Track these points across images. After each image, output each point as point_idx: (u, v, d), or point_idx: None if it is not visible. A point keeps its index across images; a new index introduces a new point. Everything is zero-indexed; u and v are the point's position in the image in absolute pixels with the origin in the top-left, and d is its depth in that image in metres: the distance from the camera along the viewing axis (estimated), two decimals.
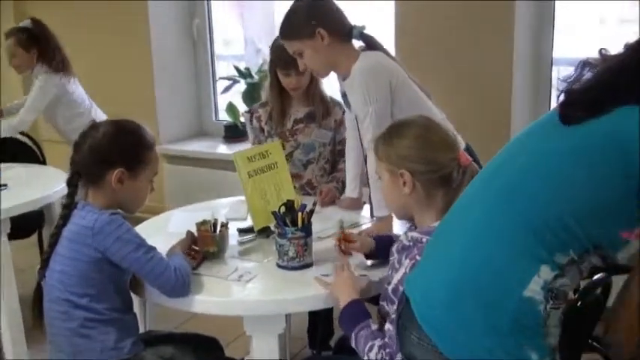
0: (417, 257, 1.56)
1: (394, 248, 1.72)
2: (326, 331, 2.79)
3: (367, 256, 1.96)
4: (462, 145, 2.11)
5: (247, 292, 1.84)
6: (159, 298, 1.84)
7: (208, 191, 3.83)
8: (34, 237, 3.43)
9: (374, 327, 1.62)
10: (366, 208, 2.46)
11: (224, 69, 4.35)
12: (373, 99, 2.16)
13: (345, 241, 1.94)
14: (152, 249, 1.80)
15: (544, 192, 1.23)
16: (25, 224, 3.10)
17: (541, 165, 1.25)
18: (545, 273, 1.22)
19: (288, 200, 2.00)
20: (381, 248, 1.83)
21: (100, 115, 3.48)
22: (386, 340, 1.57)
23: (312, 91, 2.65)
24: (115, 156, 1.81)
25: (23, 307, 2.70)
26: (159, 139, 4.12)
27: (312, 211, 1.98)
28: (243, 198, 2.49)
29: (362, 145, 2.39)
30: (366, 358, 1.59)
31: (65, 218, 1.82)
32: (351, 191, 2.52)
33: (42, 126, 4.47)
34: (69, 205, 1.83)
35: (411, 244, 1.64)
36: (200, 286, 1.85)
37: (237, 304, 1.81)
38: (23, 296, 1.86)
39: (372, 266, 1.94)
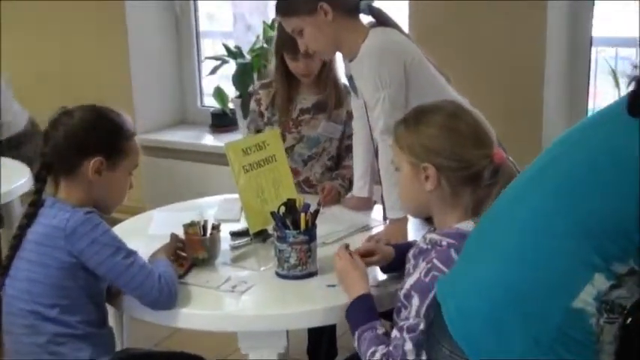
0: (435, 261, 1.57)
1: (410, 253, 1.72)
2: (330, 351, 2.78)
3: (383, 269, 1.94)
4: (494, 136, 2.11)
5: (242, 304, 1.83)
6: (139, 311, 1.83)
7: (193, 188, 3.83)
8: None
9: (380, 330, 1.64)
10: (378, 208, 2.45)
11: (210, 48, 4.33)
12: (385, 83, 2.14)
13: (362, 255, 1.89)
14: (133, 253, 1.79)
15: (605, 194, 1.22)
16: None
17: (604, 163, 1.24)
18: (600, 282, 1.22)
19: (288, 199, 1.99)
20: (401, 259, 1.81)
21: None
22: (390, 348, 1.57)
23: (325, 77, 2.62)
24: (94, 143, 1.80)
25: None
26: (135, 129, 4.09)
27: (316, 212, 1.97)
28: (234, 196, 2.47)
29: (372, 136, 2.38)
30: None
31: (30, 218, 1.80)
32: (359, 189, 2.50)
33: None
34: (36, 203, 1.81)
35: (429, 247, 1.64)
36: (187, 298, 1.84)
37: (231, 318, 1.80)
38: None
39: (388, 279, 1.93)
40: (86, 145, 1.80)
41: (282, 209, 1.96)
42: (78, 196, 1.83)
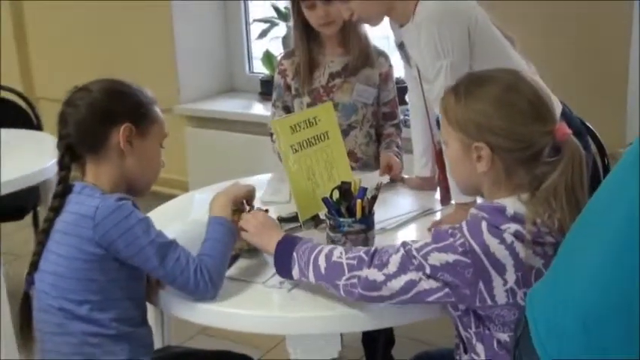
0: (463, 224, 1.48)
1: None
2: (387, 341, 2.65)
3: None
4: (559, 108, 1.92)
5: (291, 303, 1.70)
6: (177, 308, 1.73)
7: (241, 161, 3.78)
8: (29, 218, 3.36)
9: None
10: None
11: (259, 9, 4.19)
12: (447, 50, 1.98)
13: None
14: (169, 245, 1.68)
15: None
16: (17, 203, 3.05)
17: None
18: None
19: (342, 182, 1.86)
20: None
21: None
22: (370, 248, 1.55)
23: (350, 33, 2.44)
24: (119, 109, 1.74)
25: (15, 302, 2.62)
26: (179, 98, 4.03)
27: (374, 198, 1.82)
28: (284, 174, 2.35)
29: (427, 111, 2.23)
30: (315, 264, 1.59)
31: (57, 209, 1.71)
32: (421, 168, 2.35)
33: (37, 81, 4.40)
34: (63, 193, 1.71)
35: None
36: (230, 294, 1.71)
37: (278, 320, 1.67)
38: (17, 289, 1.81)
39: None
40: (112, 113, 1.73)
41: (336, 194, 1.82)
42: (108, 177, 1.74)
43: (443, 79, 1.99)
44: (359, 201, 1.78)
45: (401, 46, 2.20)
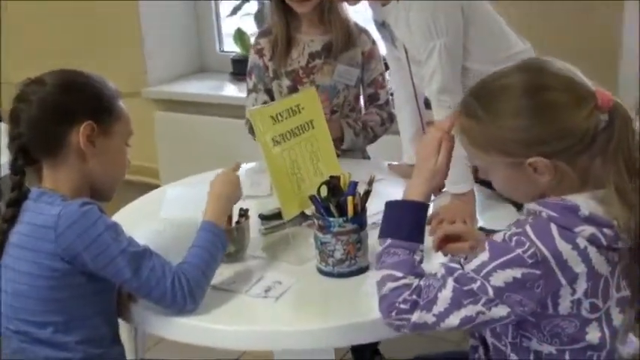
0: (527, 228, 1.26)
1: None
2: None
3: None
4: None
5: (278, 314, 1.56)
6: (152, 325, 1.58)
7: (213, 146, 3.63)
8: None
9: (417, 257, 1.39)
10: None
11: None
12: (441, 30, 1.86)
13: (446, 242, 1.60)
14: (142, 253, 1.52)
15: None
16: None
17: None
18: None
19: (331, 177, 1.70)
20: None
21: None
22: (420, 283, 1.32)
23: (329, 11, 2.28)
24: (79, 105, 1.56)
25: None
26: (147, 79, 3.83)
27: (367, 193, 1.66)
28: (257, 164, 2.22)
29: (415, 93, 2.10)
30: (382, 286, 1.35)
31: (12, 219, 1.53)
32: (411, 155, 2.18)
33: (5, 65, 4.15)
34: (17, 201, 1.54)
35: (522, 219, 1.34)
36: (210, 306, 1.55)
37: (264, 335, 1.52)
38: None
39: None
40: (71, 110, 1.56)
41: (324, 190, 1.65)
42: (69, 181, 1.57)
43: (437, 61, 1.86)
44: (350, 198, 1.62)
45: (382, 25, 2.04)
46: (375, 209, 1.68)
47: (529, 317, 1.28)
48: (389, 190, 1.79)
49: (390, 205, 1.44)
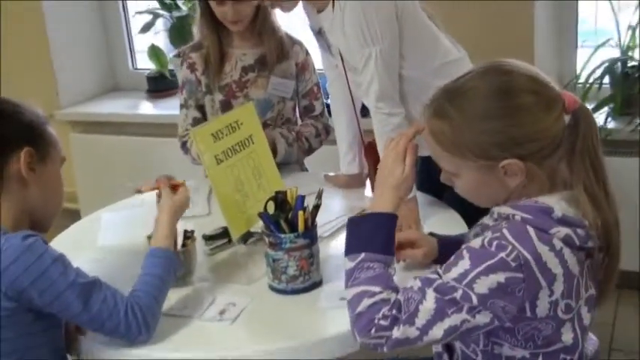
0: (505, 231, 1.25)
1: (470, 236, 1.42)
2: None
3: None
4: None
5: (236, 337, 1.50)
6: (98, 355, 1.50)
7: (133, 166, 3.56)
8: None
9: (391, 270, 1.33)
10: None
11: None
12: (376, 36, 1.84)
13: (399, 249, 1.57)
14: (92, 285, 1.44)
15: None
16: None
17: None
18: None
19: (277, 192, 1.66)
20: (446, 254, 1.41)
21: None
22: (399, 297, 1.27)
23: (261, 25, 2.24)
24: (13, 133, 1.50)
25: None
26: (59, 101, 3.70)
27: (317, 207, 1.64)
28: (195, 183, 2.19)
29: (353, 102, 2.10)
30: (357, 303, 1.28)
31: None
32: (348, 164, 2.20)
33: None
34: None
35: (497, 222, 1.33)
36: (162, 334, 1.49)
37: None
38: None
39: None
40: (7, 138, 1.49)
41: (271, 206, 1.61)
42: (9, 212, 1.48)
43: (373, 68, 1.84)
44: (301, 212, 1.58)
45: (319, 33, 2.02)
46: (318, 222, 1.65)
47: (507, 323, 1.28)
48: (327, 202, 1.74)
49: (358, 220, 1.38)
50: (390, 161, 1.41)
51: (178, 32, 3.46)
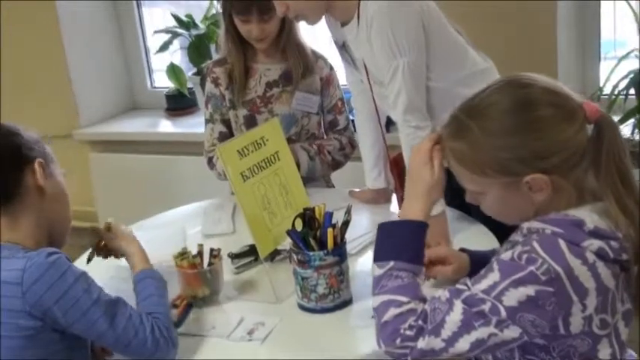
0: (535, 244, 1.21)
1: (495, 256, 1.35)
2: None
3: None
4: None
5: (268, 358, 1.47)
6: None
7: (152, 185, 3.52)
8: None
9: (420, 280, 1.30)
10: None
11: (157, 18, 3.89)
12: (403, 48, 1.81)
13: (430, 265, 1.53)
14: (116, 302, 1.42)
15: None
16: None
17: None
18: None
19: (305, 209, 1.63)
20: (479, 268, 1.35)
21: None
22: (426, 307, 1.24)
23: (286, 41, 2.22)
24: (25, 147, 1.52)
25: None
26: (78, 121, 3.69)
27: (346, 224, 1.60)
28: (219, 201, 2.17)
29: (378, 115, 2.05)
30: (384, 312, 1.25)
31: None
32: (374, 180, 2.16)
33: None
34: None
35: (526, 237, 1.28)
36: (190, 355, 1.47)
37: None
38: None
39: None
40: (21, 151, 1.51)
41: (299, 223, 1.58)
42: (29, 228, 1.48)
43: (401, 80, 1.81)
44: (330, 230, 1.55)
45: (343, 47, 2.00)
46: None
47: (538, 340, 1.24)
48: (354, 218, 1.67)
49: (388, 226, 1.35)
50: (417, 166, 1.37)
51: (197, 50, 3.43)
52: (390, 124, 2.21)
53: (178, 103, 3.68)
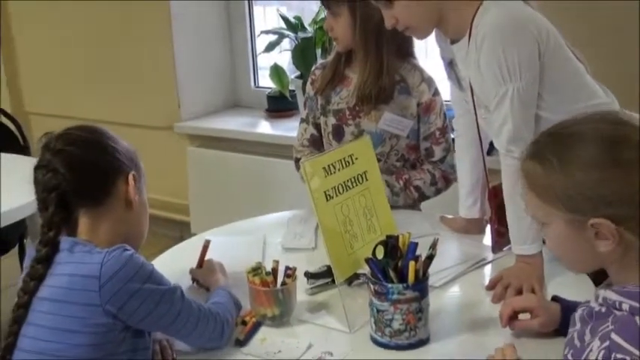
0: (614, 336, 1.09)
1: (577, 315, 1.25)
2: None
3: None
4: None
5: None
6: None
7: (245, 184, 3.47)
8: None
9: None
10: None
11: (267, 17, 3.86)
12: (515, 73, 1.65)
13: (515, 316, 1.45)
14: (182, 294, 1.44)
15: None
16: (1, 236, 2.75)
17: None
18: None
19: (388, 237, 1.51)
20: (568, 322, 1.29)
21: None
22: None
23: (364, 53, 2.10)
24: (124, 157, 1.51)
25: None
26: (180, 114, 3.71)
27: (430, 258, 1.48)
28: (304, 212, 2.11)
29: (480, 140, 1.90)
30: None
31: (41, 277, 1.37)
32: (468, 208, 2.02)
33: (26, 94, 4.06)
34: (47, 258, 1.38)
35: (604, 309, 1.16)
36: None
37: None
38: None
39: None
40: (120, 160, 1.50)
41: (380, 251, 1.47)
42: (108, 232, 1.46)
43: (508, 107, 1.66)
44: (412, 263, 1.44)
45: (450, 65, 1.87)
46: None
47: None
48: (440, 248, 1.54)
49: None
50: None
51: (302, 53, 3.38)
52: (492, 148, 2.06)
53: (279, 105, 3.63)
